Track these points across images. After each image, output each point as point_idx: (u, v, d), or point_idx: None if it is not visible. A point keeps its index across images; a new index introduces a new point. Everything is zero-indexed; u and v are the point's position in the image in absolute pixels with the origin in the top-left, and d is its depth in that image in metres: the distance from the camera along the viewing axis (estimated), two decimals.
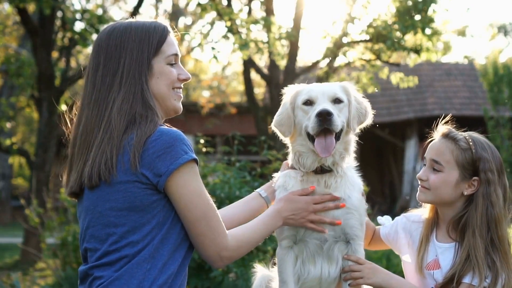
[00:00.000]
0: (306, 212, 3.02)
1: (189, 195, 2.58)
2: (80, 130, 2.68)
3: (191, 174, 2.59)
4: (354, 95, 3.19)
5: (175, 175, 2.55)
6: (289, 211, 3.00)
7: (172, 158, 2.54)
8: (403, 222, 3.27)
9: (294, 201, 3.02)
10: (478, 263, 2.89)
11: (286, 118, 3.16)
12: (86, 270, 2.63)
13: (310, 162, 3.09)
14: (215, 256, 2.66)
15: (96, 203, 2.62)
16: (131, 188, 2.55)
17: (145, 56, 2.67)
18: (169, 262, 2.59)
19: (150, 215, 2.58)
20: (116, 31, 2.71)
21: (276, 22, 10.07)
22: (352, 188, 3.12)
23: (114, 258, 2.57)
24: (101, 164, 2.55)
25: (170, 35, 2.78)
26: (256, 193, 3.27)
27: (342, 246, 3.13)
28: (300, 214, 3.01)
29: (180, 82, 2.80)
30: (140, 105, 2.62)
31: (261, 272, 3.43)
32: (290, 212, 3.00)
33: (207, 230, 2.62)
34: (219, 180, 6.35)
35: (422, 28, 10.01)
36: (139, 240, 2.56)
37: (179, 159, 2.54)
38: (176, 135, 2.57)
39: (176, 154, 2.54)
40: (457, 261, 2.95)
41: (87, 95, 2.69)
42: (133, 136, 2.54)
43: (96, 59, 2.70)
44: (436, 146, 3.08)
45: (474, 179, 3.00)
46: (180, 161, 2.54)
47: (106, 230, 2.60)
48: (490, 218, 2.96)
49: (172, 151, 2.54)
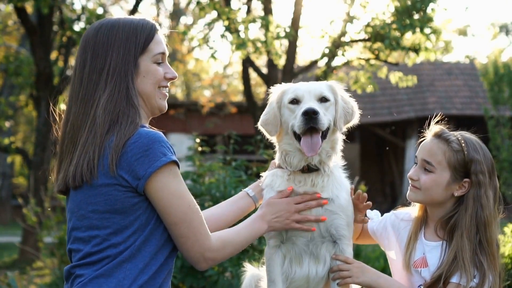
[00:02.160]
0: (288, 213, 3.01)
1: (169, 197, 2.57)
2: (67, 128, 2.68)
3: (170, 177, 2.57)
4: (341, 94, 3.18)
5: (154, 178, 2.54)
6: (271, 215, 2.99)
7: (150, 161, 2.52)
8: (392, 219, 3.26)
9: (274, 204, 3.02)
10: (465, 265, 2.88)
11: (273, 117, 3.15)
12: (69, 269, 2.65)
13: (297, 161, 3.08)
14: (198, 257, 2.65)
15: (79, 205, 2.62)
16: (112, 191, 2.55)
17: (131, 54, 2.67)
18: (151, 263, 2.59)
19: (132, 217, 2.58)
20: (103, 28, 2.70)
21: (274, 21, 10.06)
22: (339, 188, 3.12)
23: (96, 258, 2.58)
24: (83, 165, 2.55)
25: (158, 33, 2.77)
26: (243, 193, 3.26)
27: (329, 246, 3.12)
28: (284, 216, 3.00)
29: (166, 81, 2.79)
30: (124, 104, 2.61)
31: (251, 271, 3.43)
32: (273, 215, 2.99)
33: (188, 232, 2.61)
34: (215, 179, 6.34)
35: (421, 27, 9.98)
36: (121, 241, 2.57)
37: (157, 161, 2.53)
38: (154, 137, 2.56)
39: (154, 156, 2.53)
40: (445, 261, 2.95)
41: (74, 91, 2.69)
42: (113, 138, 2.54)
43: (83, 55, 2.69)
44: (428, 146, 3.07)
45: (465, 180, 2.99)
46: (158, 164, 2.53)
47: (89, 233, 2.60)
48: (480, 220, 2.96)
49: (150, 154, 2.53)
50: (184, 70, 29.66)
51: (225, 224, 3.16)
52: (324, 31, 10.86)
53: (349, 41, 10.86)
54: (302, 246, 3.11)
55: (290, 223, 3.01)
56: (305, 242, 3.11)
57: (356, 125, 3.26)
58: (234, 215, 3.19)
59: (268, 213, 2.98)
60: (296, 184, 3.09)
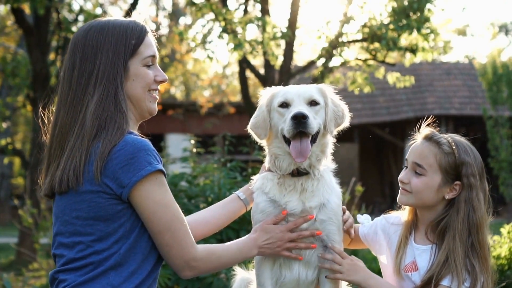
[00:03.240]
0: (281, 241, 2.99)
1: (153, 206, 2.55)
2: (56, 131, 2.65)
3: (155, 186, 2.55)
4: (331, 97, 3.15)
5: (138, 187, 2.52)
6: (264, 240, 2.97)
7: (135, 169, 2.50)
8: (382, 223, 3.25)
9: (268, 231, 2.99)
10: (457, 267, 2.86)
11: (262, 120, 3.13)
12: (53, 274, 2.63)
13: (286, 164, 3.07)
14: (182, 265, 2.63)
15: (63, 211, 2.60)
16: (96, 198, 2.53)
17: (121, 57, 2.64)
18: (138, 272, 2.57)
19: (116, 224, 2.56)
20: (92, 30, 2.67)
21: (271, 22, 10.03)
22: (330, 192, 3.10)
23: (80, 264, 2.56)
24: (70, 170, 2.53)
25: (148, 35, 2.74)
26: (234, 195, 3.25)
27: (320, 250, 3.09)
28: (276, 244, 2.99)
29: (156, 84, 2.77)
30: (112, 109, 2.59)
31: (241, 275, 3.42)
32: (265, 242, 2.97)
33: (172, 241, 2.59)
34: (209, 181, 6.31)
35: (418, 28, 9.96)
36: (105, 248, 2.55)
37: (142, 170, 2.51)
38: (140, 146, 2.53)
39: (139, 165, 2.51)
40: (435, 263, 2.93)
41: (63, 95, 2.67)
42: (99, 144, 2.52)
43: (72, 58, 2.67)
44: (418, 149, 3.04)
45: (456, 183, 2.98)
46: (143, 173, 2.51)
47: (73, 238, 2.58)
48: (472, 223, 2.94)
49: (136, 163, 2.51)
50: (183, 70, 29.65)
51: (215, 227, 3.15)
52: (321, 31, 10.83)
53: (346, 42, 10.83)
54: (292, 250, 3.07)
55: (280, 250, 3.00)
56: None
57: (355, 125, 3.24)
58: (225, 218, 3.18)
59: (261, 238, 2.96)
60: (286, 188, 3.07)
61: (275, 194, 3.08)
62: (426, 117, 3.18)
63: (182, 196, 6.12)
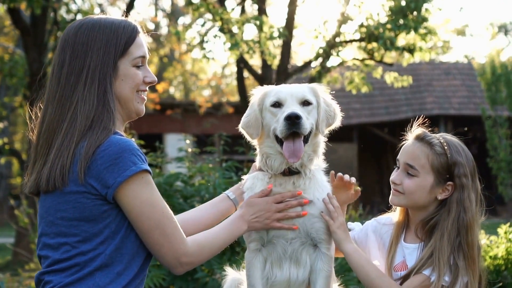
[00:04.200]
0: (269, 212, 2.96)
1: (140, 206, 2.53)
2: (43, 128, 2.63)
3: (141, 185, 2.53)
4: (323, 97, 3.14)
5: (124, 187, 2.50)
6: (251, 214, 2.94)
7: (120, 170, 2.48)
8: (373, 225, 3.24)
9: (254, 204, 2.97)
10: (439, 263, 2.85)
11: (254, 119, 3.11)
12: (38, 276, 2.61)
13: (278, 164, 3.05)
14: (174, 262, 2.62)
15: (48, 211, 2.58)
16: (81, 199, 2.51)
17: (111, 57, 2.62)
18: (124, 273, 2.55)
19: (102, 225, 2.54)
20: (83, 28, 2.65)
21: (268, 21, 10.02)
22: (321, 191, 3.09)
23: (65, 265, 2.53)
24: (57, 169, 2.51)
25: (140, 35, 2.72)
26: (224, 195, 3.23)
27: (310, 249, 3.08)
28: (264, 215, 2.96)
29: (145, 85, 2.75)
30: (101, 108, 2.57)
31: (232, 275, 3.40)
32: (253, 215, 2.94)
33: (162, 239, 2.58)
34: (204, 181, 6.29)
35: (415, 27, 9.95)
36: (90, 249, 2.53)
37: (126, 171, 2.49)
38: (125, 146, 2.51)
39: (124, 165, 2.49)
40: (420, 257, 2.92)
41: (51, 91, 2.64)
42: (84, 144, 2.50)
43: (62, 55, 2.65)
44: (410, 149, 3.04)
45: (449, 184, 2.97)
46: (127, 173, 2.49)
47: (58, 239, 2.56)
48: (462, 223, 2.93)
49: (120, 163, 2.48)
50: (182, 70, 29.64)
51: (204, 227, 3.11)
52: (318, 31, 10.82)
53: (343, 41, 10.82)
54: (282, 249, 3.07)
55: (271, 222, 2.97)
56: (286, 246, 3.07)
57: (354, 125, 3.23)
58: (214, 218, 3.15)
59: (247, 213, 2.94)
60: (277, 187, 3.06)
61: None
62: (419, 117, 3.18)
63: (177, 196, 6.10)
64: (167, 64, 30.18)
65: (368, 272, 2.95)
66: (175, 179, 6.25)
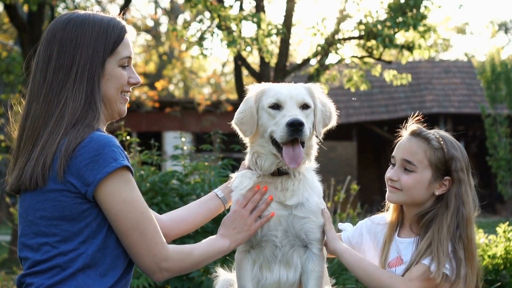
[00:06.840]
0: (242, 219, 2.94)
1: (119, 204, 2.46)
2: (28, 123, 2.55)
3: (121, 183, 2.46)
4: (319, 97, 3.09)
5: (103, 184, 2.43)
6: (230, 229, 2.91)
7: (100, 166, 2.41)
8: (367, 225, 3.21)
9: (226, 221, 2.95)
10: (438, 253, 2.82)
11: (249, 117, 3.03)
12: (19, 278, 2.54)
13: (268, 164, 3.00)
14: (153, 267, 2.53)
15: (27, 211, 2.51)
16: (60, 197, 2.44)
17: (100, 55, 2.56)
18: (108, 274, 2.48)
19: (82, 224, 2.46)
20: (72, 23, 2.58)
21: (265, 18, 9.95)
22: (311, 191, 3.03)
23: (46, 267, 2.46)
24: (39, 167, 2.44)
25: (127, 35, 2.67)
26: (213, 194, 3.18)
27: (300, 251, 3.03)
28: (241, 223, 2.93)
29: (129, 86, 2.69)
30: (87, 107, 2.52)
31: (223, 276, 3.35)
32: (232, 230, 2.92)
33: (141, 240, 2.49)
34: (200, 179, 6.24)
35: (414, 25, 9.89)
36: (71, 249, 2.45)
37: (106, 167, 2.41)
38: (105, 142, 2.44)
39: (104, 162, 2.42)
40: (418, 250, 2.89)
41: (36, 86, 2.56)
42: (65, 141, 2.43)
43: (48, 49, 2.57)
44: (407, 145, 3.01)
45: (446, 179, 2.95)
46: (107, 170, 2.41)
47: (37, 240, 2.48)
48: (461, 217, 2.91)
49: (100, 159, 2.41)
50: (181, 68, 29.60)
51: (193, 226, 3.09)
52: (316, 28, 10.75)
53: (342, 39, 10.76)
54: (272, 251, 3.02)
55: (250, 226, 2.94)
56: (275, 250, 3.02)
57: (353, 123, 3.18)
58: (202, 216, 3.10)
59: (225, 231, 2.91)
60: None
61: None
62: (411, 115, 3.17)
63: (173, 195, 6.05)
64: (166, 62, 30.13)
65: (366, 267, 2.93)
66: (170, 177, 6.20)
